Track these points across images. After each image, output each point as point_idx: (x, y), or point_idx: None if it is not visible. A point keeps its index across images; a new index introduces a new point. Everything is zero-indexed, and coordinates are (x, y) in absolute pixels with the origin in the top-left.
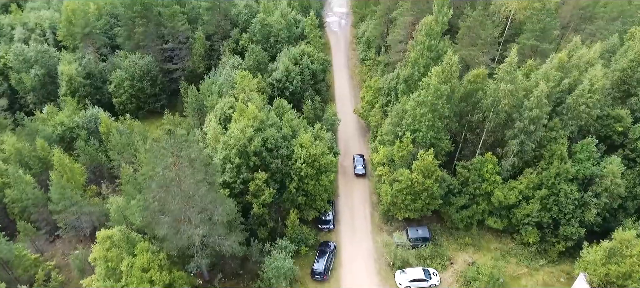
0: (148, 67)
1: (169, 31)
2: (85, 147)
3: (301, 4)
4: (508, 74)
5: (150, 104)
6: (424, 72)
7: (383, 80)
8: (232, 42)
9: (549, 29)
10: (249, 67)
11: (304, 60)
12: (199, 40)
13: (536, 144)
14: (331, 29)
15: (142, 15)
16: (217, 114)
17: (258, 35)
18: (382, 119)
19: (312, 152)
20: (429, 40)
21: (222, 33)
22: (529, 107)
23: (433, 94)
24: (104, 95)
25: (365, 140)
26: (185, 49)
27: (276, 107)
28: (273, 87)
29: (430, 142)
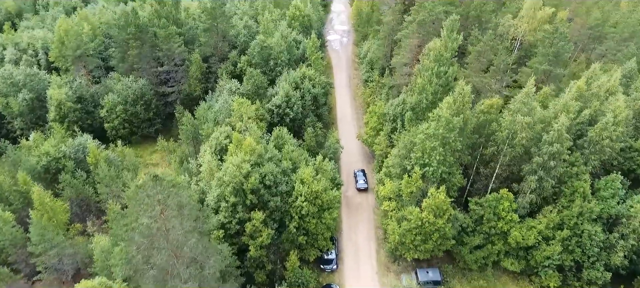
0: (142, 91)
1: (164, 53)
2: (71, 180)
3: (302, 24)
4: (525, 105)
5: (144, 128)
6: (432, 99)
7: (388, 105)
8: (229, 65)
9: (562, 53)
10: (247, 92)
11: (305, 84)
12: (195, 62)
13: (556, 180)
14: (332, 47)
15: (136, 37)
16: (212, 145)
17: (257, 57)
18: (387, 148)
19: (313, 188)
20: (438, 66)
21: (220, 55)
22: (549, 141)
23: (444, 127)
24: (96, 120)
25: (369, 168)
26: (181, 71)
27: (275, 137)
28: (272, 113)
29: (442, 178)
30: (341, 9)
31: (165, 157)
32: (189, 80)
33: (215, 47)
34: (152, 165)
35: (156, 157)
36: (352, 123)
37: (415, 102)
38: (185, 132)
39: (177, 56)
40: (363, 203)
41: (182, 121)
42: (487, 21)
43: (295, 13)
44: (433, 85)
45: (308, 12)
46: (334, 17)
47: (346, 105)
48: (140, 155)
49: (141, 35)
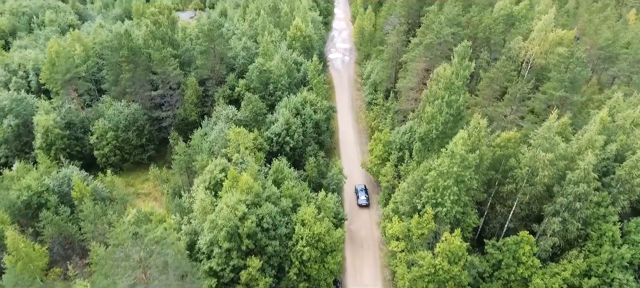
0: (134, 116)
1: (159, 76)
2: (53, 217)
3: (303, 45)
4: (547, 140)
5: (136, 155)
6: (442, 129)
7: (394, 133)
8: (227, 89)
9: (578, 79)
10: (245, 118)
11: (306, 109)
12: (191, 86)
13: (581, 222)
14: (334, 66)
15: (129, 60)
16: (206, 179)
17: (256, 81)
18: (394, 179)
19: (315, 230)
20: (449, 94)
21: (217, 78)
22: (574, 181)
23: (459, 164)
24: (86, 146)
25: (374, 199)
26: (176, 95)
27: (275, 170)
28: (272, 142)
29: (456, 218)
30: (343, 27)
31: (158, 185)
32: (184, 105)
33: (212, 70)
34: (144, 194)
35: (148, 186)
36: (355, 147)
37: (425, 132)
38: (178, 163)
39: (172, 79)
40: (368, 237)
41: (176, 150)
42: (497, 43)
43: (296, 33)
44: (443, 115)
45: (309, 32)
46: (335, 35)
47: (349, 128)
48: (132, 183)
49: (134, 58)
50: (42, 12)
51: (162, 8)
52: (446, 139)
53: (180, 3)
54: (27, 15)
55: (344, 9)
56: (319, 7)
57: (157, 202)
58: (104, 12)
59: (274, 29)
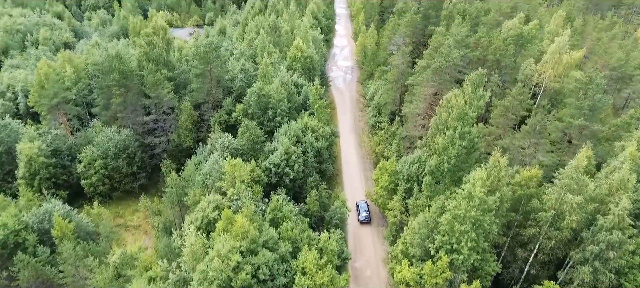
0: (125, 143)
1: (152, 101)
2: (29, 260)
3: (304, 65)
4: (574, 181)
5: (127, 183)
6: (455, 162)
7: (401, 162)
8: (223, 114)
9: (599, 107)
10: (242, 147)
11: (307, 137)
12: (186, 111)
13: (614, 272)
14: (336, 86)
15: (121, 83)
16: (198, 218)
17: (254, 107)
18: (402, 214)
19: (318, 281)
20: (461, 125)
21: (214, 102)
22: (607, 227)
23: (478, 208)
24: (73, 175)
25: (379, 233)
26: (170, 120)
27: (273, 209)
28: (270, 173)
29: (473, 266)
30: (344, 43)
31: (149, 216)
32: (178, 130)
33: (208, 94)
34: (134, 227)
35: (139, 217)
36: (359, 173)
37: (435, 165)
38: (169, 196)
39: (165, 104)
40: (373, 276)
41: (167, 182)
42: (508, 66)
43: (296, 54)
44: (456, 147)
45: (310, 52)
46: (336, 52)
47: (352, 152)
48: (122, 214)
49: (126, 82)
50: (37, 29)
51: (157, 29)
52: (458, 173)
53: (179, 19)
54: (21, 32)
55: (345, 25)
56: (320, 25)
57: (147, 235)
58: (101, 30)
59: (274, 49)
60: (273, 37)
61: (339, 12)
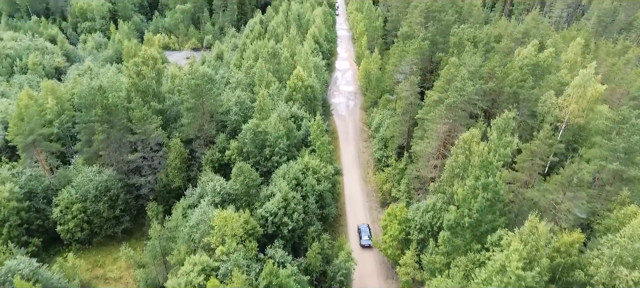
0: (107, 184)
1: (138, 137)
2: None
3: (305, 96)
4: (629, 252)
5: (109, 228)
6: (477, 217)
7: (413, 209)
8: (216, 152)
9: (636, 150)
10: (235, 192)
11: (307, 179)
12: (175, 148)
13: None
14: (338, 113)
15: (104, 119)
16: (181, 283)
17: (249, 145)
18: (416, 270)
19: None
20: (485, 175)
21: (206, 138)
22: None
23: (514, 285)
24: (48, 219)
25: (383, 261)
26: (158, 157)
27: (268, 273)
28: (266, 222)
29: None
30: (346, 67)
31: (132, 266)
32: (166, 169)
33: (200, 129)
34: (114, 280)
35: (120, 267)
36: (364, 213)
37: (454, 219)
38: (152, 250)
39: (153, 140)
40: None
41: (150, 232)
42: (526, 99)
43: (296, 83)
44: (478, 200)
45: (311, 82)
46: (338, 77)
47: (356, 188)
48: (102, 262)
49: (110, 118)
50: (28, 54)
51: (147, 58)
52: (481, 228)
53: (177, 42)
54: (10, 57)
55: (346, 48)
56: (322, 49)
57: None
58: (95, 53)
59: (273, 77)
60: (272, 64)
61: (340, 34)
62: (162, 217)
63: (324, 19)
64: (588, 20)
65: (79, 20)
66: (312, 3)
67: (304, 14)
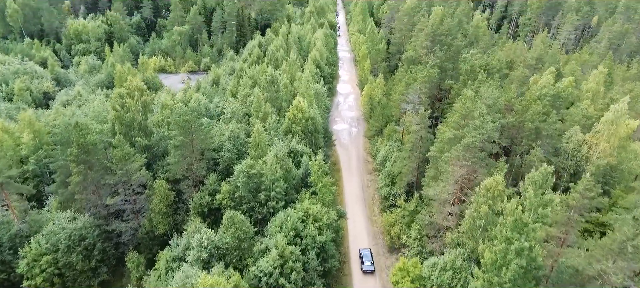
0: (82, 233)
1: (118, 178)
2: None
3: (305, 128)
4: None
5: (83, 281)
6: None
7: (428, 265)
8: (205, 195)
9: None
10: (225, 246)
11: (308, 229)
12: (159, 191)
13: None
14: (340, 141)
15: (80, 160)
16: None
17: (242, 189)
18: None
19: None
20: (519, 239)
21: (195, 178)
22: None
23: None
24: (15, 272)
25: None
26: (141, 201)
27: None
28: (259, 283)
29: None
30: (348, 90)
31: None
32: (150, 214)
33: (188, 169)
34: None
35: None
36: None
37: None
38: None
39: (136, 182)
40: None
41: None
42: (550, 135)
43: (296, 115)
44: (511, 269)
45: (312, 113)
46: (340, 101)
47: (361, 230)
48: None
49: (87, 158)
50: (14, 79)
51: (132, 89)
52: None
53: (173, 65)
54: None
55: (348, 70)
56: (323, 73)
57: None
58: (87, 77)
59: (271, 108)
60: (270, 92)
61: (341, 55)
62: (143, 269)
63: (325, 42)
64: (598, 43)
65: (73, 42)
66: (313, 25)
67: (305, 36)
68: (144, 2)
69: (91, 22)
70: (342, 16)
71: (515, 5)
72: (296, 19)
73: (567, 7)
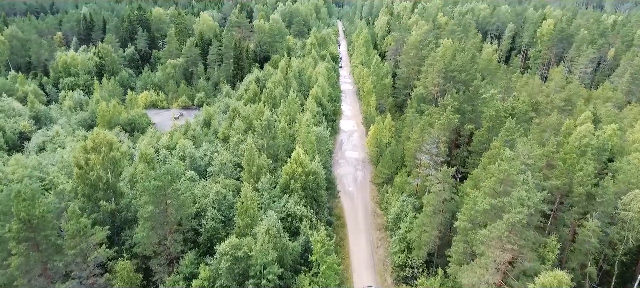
0: None
1: (71, 258)
2: None
3: (305, 184)
4: None
5: None
6: None
7: None
8: (180, 280)
9: None
10: None
11: None
12: (122, 273)
13: None
14: (344, 188)
15: (21, 238)
16: None
17: (225, 277)
18: None
19: None
20: None
21: (169, 256)
22: None
23: None
24: None
25: None
26: (100, 285)
27: None
28: None
29: None
30: (352, 127)
31: None
32: None
33: (160, 244)
34: None
35: None
36: None
37: None
38: None
39: (92, 263)
40: None
41: None
42: (603, 202)
43: (295, 170)
44: None
45: (314, 167)
46: (344, 139)
47: None
48: None
49: (32, 235)
50: None
51: (98, 143)
52: None
53: (166, 100)
54: None
55: (351, 104)
56: (325, 111)
57: None
58: (70, 115)
59: (265, 161)
60: (266, 139)
61: (344, 88)
62: None
63: (328, 76)
64: (620, 77)
65: (61, 75)
66: (315, 57)
67: (306, 70)
68: (139, 34)
69: (82, 54)
70: (344, 45)
71: (525, 37)
72: (297, 50)
73: (580, 39)
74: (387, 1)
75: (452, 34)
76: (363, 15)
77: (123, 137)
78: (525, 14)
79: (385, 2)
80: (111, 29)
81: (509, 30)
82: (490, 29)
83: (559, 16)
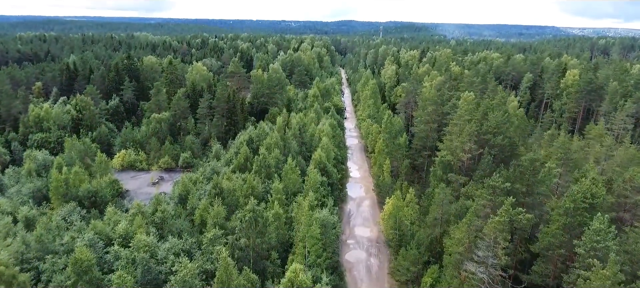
0: None
1: None
2: None
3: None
4: None
5: None
6: None
7: None
8: None
9: None
10: None
11: None
12: None
13: None
14: (356, 282)
15: None
16: None
17: None
18: None
19: None
20: None
21: None
22: None
23: None
24: None
25: None
26: None
27: None
28: None
29: None
30: (361, 194)
31: None
32: None
33: None
34: None
35: None
36: None
37: None
38: None
39: None
40: None
41: None
42: None
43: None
44: None
45: None
46: (353, 210)
47: None
48: None
49: None
50: None
51: None
52: None
53: (146, 160)
54: None
55: (359, 163)
56: (331, 179)
57: None
58: (22, 182)
59: (248, 277)
60: (252, 238)
61: (349, 142)
62: None
63: (333, 135)
64: None
65: (32, 130)
66: (317, 111)
67: (308, 126)
68: (126, 84)
69: (58, 107)
70: (348, 94)
71: (547, 88)
72: (298, 102)
73: (611, 91)
74: (393, 50)
75: (470, 86)
76: (367, 64)
77: (76, 217)
78: (541, 64)
79: (391, 50)
80: (96, 79)
81: (527, 81)
82: (505, 79)
83: (575, 64)
